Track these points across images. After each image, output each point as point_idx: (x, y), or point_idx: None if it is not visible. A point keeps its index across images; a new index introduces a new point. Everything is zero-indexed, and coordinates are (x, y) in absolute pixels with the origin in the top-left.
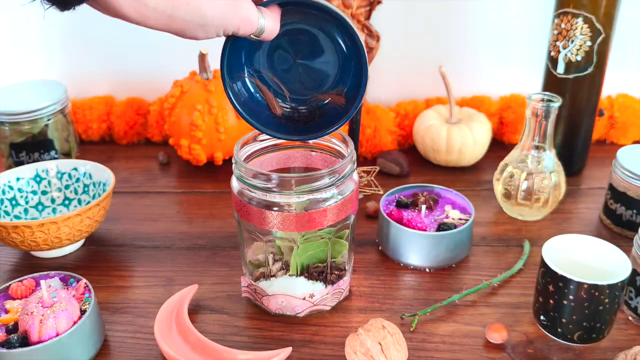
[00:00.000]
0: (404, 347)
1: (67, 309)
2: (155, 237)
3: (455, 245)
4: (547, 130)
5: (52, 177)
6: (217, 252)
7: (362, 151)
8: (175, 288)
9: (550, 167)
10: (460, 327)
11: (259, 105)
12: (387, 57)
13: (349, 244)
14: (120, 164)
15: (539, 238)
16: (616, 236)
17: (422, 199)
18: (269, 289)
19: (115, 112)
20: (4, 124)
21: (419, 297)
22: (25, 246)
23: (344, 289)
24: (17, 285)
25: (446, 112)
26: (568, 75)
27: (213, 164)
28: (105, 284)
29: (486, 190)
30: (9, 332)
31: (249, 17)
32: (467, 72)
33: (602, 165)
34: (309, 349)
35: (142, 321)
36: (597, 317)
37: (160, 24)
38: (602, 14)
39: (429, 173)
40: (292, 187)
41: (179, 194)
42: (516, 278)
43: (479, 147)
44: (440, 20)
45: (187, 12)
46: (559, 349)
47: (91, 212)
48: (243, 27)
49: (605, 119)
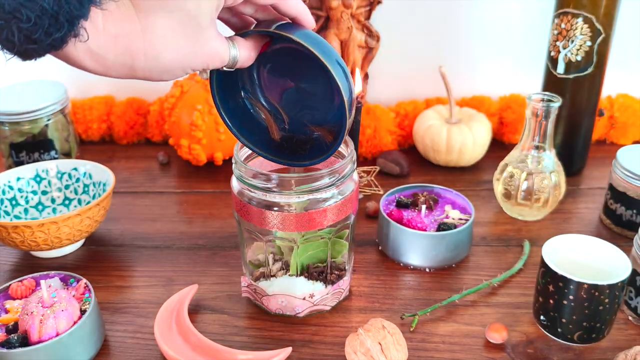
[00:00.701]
0: (404, 347)
1: (67, 309)
2: (155, 237)
3: (455, 245)
4: (547, 130)
5: (52, 177)
6: (217, 252)
7: (362, 151)
8: (175, 288)
9: (550, 167)
10: (460, 327)
11: (252, 123)
12: (387, 57)
13: (349, 244)
14: (120, 164)
15: (539, 238)
16: (616, 236)
17: (422, 199)
18: (269, 289)
19: (115, 112)
20: (4, 124)
21: (419, 297)
22: (25, 246)
23: (344, 289)
24: (17, 285)
25: (446, 112)
26: (568, 75)
27: (213, 164)
28: (105, 284)
29: (486, 190)
30: (9, 332)
31: (216, 51)
32: (467, 72)
33: (602, 165)
34: (309, 349)
35: (142, 321)
36: (597, 317)
37: (123, 74)
38: (602, 14)
39: (429, 173)
40: (292, 187)
41: (179, 194)
42: (516, 278)
43: (479, 147)
44: (440, 20)
45: (146, 62)
46: (559, 349)
47: (91, 212)
48: (212, 62)
49: (605, 119)
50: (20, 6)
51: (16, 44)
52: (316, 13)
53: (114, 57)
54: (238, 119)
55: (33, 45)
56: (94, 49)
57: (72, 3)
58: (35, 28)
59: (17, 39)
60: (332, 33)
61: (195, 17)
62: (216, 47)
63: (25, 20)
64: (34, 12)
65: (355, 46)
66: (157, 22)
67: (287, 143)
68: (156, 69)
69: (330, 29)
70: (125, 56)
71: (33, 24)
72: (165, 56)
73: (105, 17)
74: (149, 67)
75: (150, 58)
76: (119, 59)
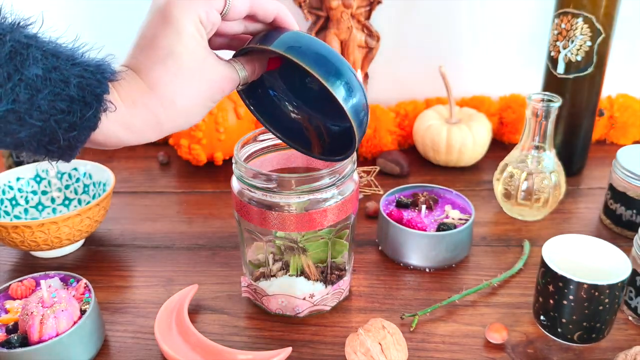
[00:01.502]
0: (404, 347)
1: (67, 309)
2: (155, 237)
3: (455, 245)
4: (547, 130)
5: (52, 177)
6: (217, 252)
7: (362, 151)
8: (175, 288)
9: (550, 167)
10: (460, 327)
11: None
12: (387, 57)
13: (349, 244)
14: (120, 164)
15: (539, 238)
16: (616, 236)
17: (422, 199)
18: (269, 289)
19: None
20: None
21: (419, 297)
22: (25, 246)
23: (344, 289)
24: (17, 285)
25: (446, 112)
26: (568, 75)
27: (213, 164)
28: (105, 284)
29: (486, 190)
30: (9, 332)
31: (225, 75)
32: (467, 72)
33: (602, 165)
34: (309, 349)
35: (142, 321)
36: (597, 317)
37: (155, 134)
38: (602, 14)
39: (429, 173)
40: (292, 187)
41: (179, 194)
42: (516, 278)
43: (479, 147)
44: (440, 20)
45: (166, 113)
46: (559, 349)
47: (91, 212)
48: (227, 86)
49: (605, 119)
50: (52, 102)
51: (60, 137)
52: (316, 13)
53: (140, 121)
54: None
55: (73, 133)
56: (122, 118)
57: (92, 84)
58: (70, 116)
59: (59, 130)
60: (332, 33)
61: (189, 54)
62: (222, 71)
63: (60, 112)
64: (65, 102)
65: (355, 46)
66: (158, 75)
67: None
68: (179, 116)
69: (330, 29)
70: (148, 116)
71: (67, 113)
72: (181, 100)
73: (120, 89)
74: (172, 116)
75: (168, 107)
76: (144, 120)
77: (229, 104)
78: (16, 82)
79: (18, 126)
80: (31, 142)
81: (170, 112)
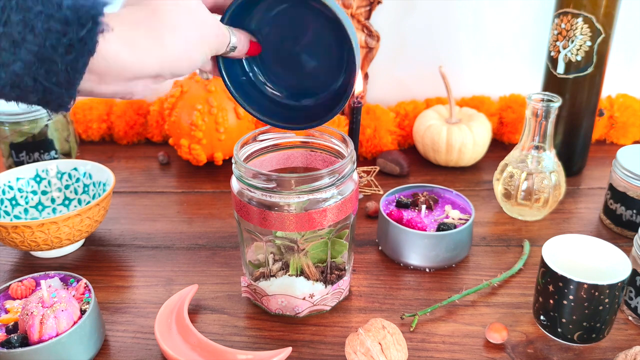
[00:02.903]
0: (404, 347)
1: (67, 309)
2: (155, 237)
3: (455, 245)
4: (547, 130)
5: (52, 177)
6: (217, 252)
7: (362, 151)
8: (175, 288)
9: (550, 167)
10: (460, 327)
11: (256, 91)
12: (387, 57)
13: (349, 244)
14: (120, 164)
15: (539, 238)
16: (616, 236)
17: (422, 199)
18: (269, 289)
19: (115, 112)
20: (4, 124)
21: (419, 297)
22: (25, 246)
23: (344, 289)
24: (17, 285)
25: (446, 112)
26: (568, 75)
27: (213, 164)
28: (105, 284)
29: (486, 190)
30: (9, 332)
31: (219, 29)
32: (467, 72)
33: (602, 165)
34: (309, 349)
35: (142, 321)
36: (597, 317)
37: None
38: (602, 14)
39: (429, 173)
40: (292, 187)
41: (179, 194)
42: (516, 278)
43: (479, 147)
44: (440, 20)
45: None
46: (559, 349)
47: (91, 212)
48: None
49: (605, 119)
50: (46, 24)
51: (57, 63)
52: None
53: (143, 37)
54: (244, 90)
55: (71, 56)
56: (124, 35)
57: (87, 5)
58: (66, 38)
59: (56, 55)
60: None
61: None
62: (215, 20)
63: (55, 32)
64: (59, 23)
65: None
66: (160, 2)
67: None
68: (180, 46)
69: None
70: (152, 33)
71: (63, 35)
72: (181, 30)
73: (122, 11)
74: (174, 43)
75: (171, 32)
76: (148, 37)
77: (229, 104)
78: (6, 3)
79: (12, 54)
80: (27, 78)
81: (174, 38)
